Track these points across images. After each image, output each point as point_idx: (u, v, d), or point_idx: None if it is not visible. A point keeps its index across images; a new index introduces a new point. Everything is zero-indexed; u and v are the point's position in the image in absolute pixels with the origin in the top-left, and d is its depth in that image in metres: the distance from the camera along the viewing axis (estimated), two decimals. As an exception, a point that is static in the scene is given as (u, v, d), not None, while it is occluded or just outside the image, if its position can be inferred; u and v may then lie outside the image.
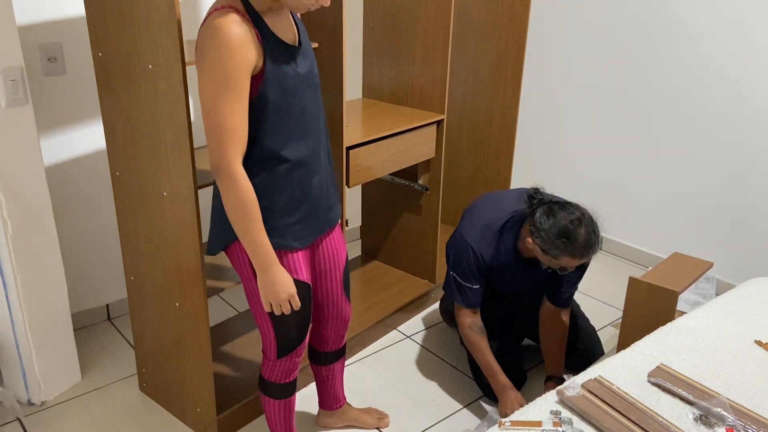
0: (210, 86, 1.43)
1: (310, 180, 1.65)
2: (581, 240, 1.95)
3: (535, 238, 2.02)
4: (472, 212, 2.29)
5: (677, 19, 3.06)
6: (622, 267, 3.48)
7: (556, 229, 1.97)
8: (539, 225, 2.00)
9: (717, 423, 1.53)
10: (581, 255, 1.97)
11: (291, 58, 1.53)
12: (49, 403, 2.33)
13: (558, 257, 1.99)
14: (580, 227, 1.96)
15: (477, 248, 2.18)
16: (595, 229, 2.00)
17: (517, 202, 2.20)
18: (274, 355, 1.79)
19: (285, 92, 1.52)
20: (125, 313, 2.88)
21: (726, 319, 2.02)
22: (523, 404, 2.06)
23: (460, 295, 2.25)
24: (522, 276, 2.28)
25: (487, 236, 2.19)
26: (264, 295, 1.60)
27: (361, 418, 2.23)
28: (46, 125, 2.48)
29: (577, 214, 1.99)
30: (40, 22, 2.37)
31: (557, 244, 1.96)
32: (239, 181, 1.48)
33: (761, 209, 2.98)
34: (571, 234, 1.95)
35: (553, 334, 2.35)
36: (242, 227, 1.52)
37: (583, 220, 1.98)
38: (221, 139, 1.45)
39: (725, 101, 2.99)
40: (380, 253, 3.19)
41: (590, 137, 3.54)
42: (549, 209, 2.02)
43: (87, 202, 2.66)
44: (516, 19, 2.93)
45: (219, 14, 1.43)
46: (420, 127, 2.67)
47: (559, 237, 1.96)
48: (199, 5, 2.76)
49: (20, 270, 2.15)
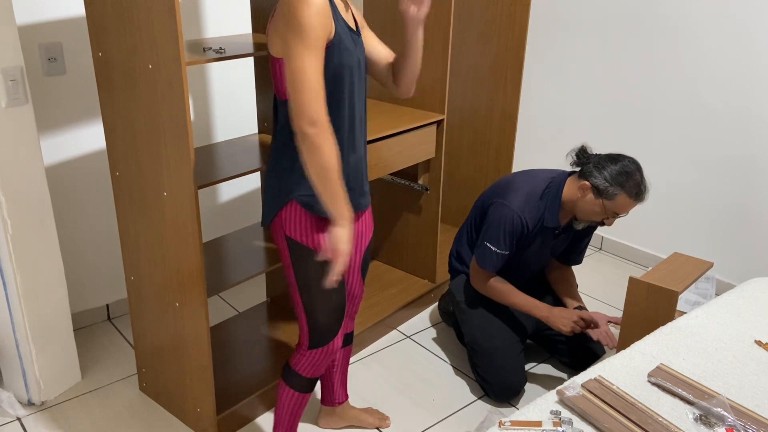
0: (298, 47, 1.49)
1: (348, 155, 1.69)
2: (638, 180, 2.14)
3: (593, 179, 2.16)
4: (505, 187, 2.35)
5: (677, 19, 3.06)
6: (622, 267, 3.48)
7: (617, 167, 2.14)
8: (599, 165, 2.17)
9: (717, 423, 1.53)
10: (636, 195, 2.14)
11: (351, 39, 1.63)
12: (49, 403, 2.33)
13: (615, 196, 2.14)
14: (638, 171, 2.15)
15: (522, 214, 2.26)
16: (646, 180, 2.17)
17: (547, 173, 2.36)
18: (306, 345, 1.81)
19: (344, 66, 1.60)
20: (125, 313, 2.89)
21: (726, 319, 2.02)
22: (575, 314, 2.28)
23: (485, 259, 2.32)
24: (549, 245, 2.39)
25: (531, 202, 2.28)
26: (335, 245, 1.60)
27: (362, 418, 2.23)
28: (46, 125, 2.48)
29: (636, 162, 2.18)
30: (40, 22, 2.37)
31: (618, 180, 2.12)
32: (331, 134, 1.54)
33: (761, 209, 2.98)
34: (631, 174, 2.13)
35: (565, 276, 2.55)
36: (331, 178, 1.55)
37: (639, 168, 2.17)
38: (312, 95, 1.50)
39: (725, 101, 2.99)
40: (380, 253, 3.19)
41: (590, 137, 3.54)
42: (608, 155, 2.20)
43: (87, 202, 2.66)
44: (516, 19, 2.93)
45: None
46: (420, 127, 2.67)
47: (619, 174, 2.13)
48: (200, 5, 2.76)
49: (20, 270, 2.15)
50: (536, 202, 2.28)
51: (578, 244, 2.49)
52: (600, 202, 2.17)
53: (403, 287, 2.97)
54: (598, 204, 2.18)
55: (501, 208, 2.28)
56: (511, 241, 2.27)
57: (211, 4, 2.79)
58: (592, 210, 2.21)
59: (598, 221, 2.26)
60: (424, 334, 2.80)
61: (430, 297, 3.00)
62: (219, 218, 3.11)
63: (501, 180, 2.43)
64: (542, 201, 2.28)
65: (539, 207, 2.28)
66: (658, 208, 3.35)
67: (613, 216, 2.21)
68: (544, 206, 2.28)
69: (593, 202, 2.19)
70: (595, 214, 2.21)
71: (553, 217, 2.28)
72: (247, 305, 2.99)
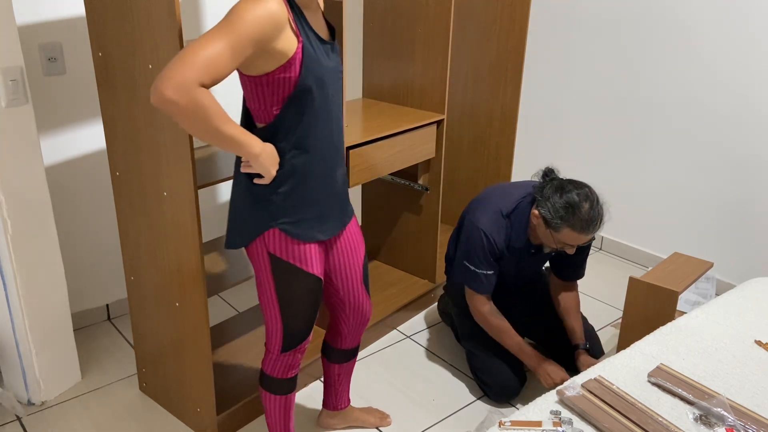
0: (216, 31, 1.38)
1: (335, 172, 1.69)
2: (584, 213, 2.02)
3: (541, 208, 2.08)
4: (481, 202, 2.32)
5: (677, 19, 3.06)
6: (622, 267, 3.48)
7: (562, 200, 2.05)
8: (547, 195, 2.08)
9: (717, 423, 1.53)
10: (581, 228, 2.03)
11: (323, 51, 1.58)
12: (49, 403, 2.33)
13: (559, 229, 2.05)
14: (585, 202, 2.04)
15: (489, 233, 2.21)
16: (600, 209, 2.06)
17: (524, 190, 2.27)
18: (278, 350, 1.80)
19: (318, 82, 1.56)
20: (125, 313, 2.89)
21: (726, 319, 2.02)
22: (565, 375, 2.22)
23: (474, 282, 2.27)
24: (528, 262, 2.32)
25: (498, 222, 2.23)
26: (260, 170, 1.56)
27: (363, 418, 2.23)
28: (46, 125, 2.48)
29: (585, 191, 2.07)
30: (40, 22, 2.37)
31: (561, 214, 2.04)
32: (204, 95, 1.37)
33: (761, 209, 2.98)
34: (576, 206, 2.03)
35: (569, 303, 2.44)
36: (224, 129, 1.43)
37: (590, 197, 2.06)
38: (194, 60, 1.34)
39: (725, 101, 2.99)
40: (380, 253, 3.19)
41: (590, 137, 3.54)
42: (560, 183, 2.11)
43: (87, 202, 2.66)
44: (516, 19, 2.93)
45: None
46: (420, 127, 2.67)
47: (563, 208, 2.03)
48: (200, 5, 2.76)
49: (20, 270, 2.15)
50: (504, 221, 2.22)
51: (575, 259, 2.37)
52: (549, 233, 2.10)
53: (403, 287, 2.97)
54: (548, 234, 2.11)
55: (470, 227, 2.24)
56: (488, 260, 2.22)
57: (211, 4, 2.79)
58: (546, 238, 2.14)
59: (556, 248, 2.17)
60: (424, 334, 2.80)
61: (430, 297, 3.00)
62: (219, 218, 3.11)
63: (481, 193, 2.39)
64: (509, 220, 2.22)
65: (506, 227, 2.22)
66: (658, 208, 3.36)
67: (565, 246, 2.12)
68: (511, 227, 2.22)
69: (545, 231, 2.12)
70: (550, 242, 2.14)
71: (519, 237, 2.22)
72: (247, 305, 2.99)
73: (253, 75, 1.51)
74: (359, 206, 3.34)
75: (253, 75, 1.51)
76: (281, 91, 1.52)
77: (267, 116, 1.57)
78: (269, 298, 1.73)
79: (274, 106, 1.55)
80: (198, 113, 1.38)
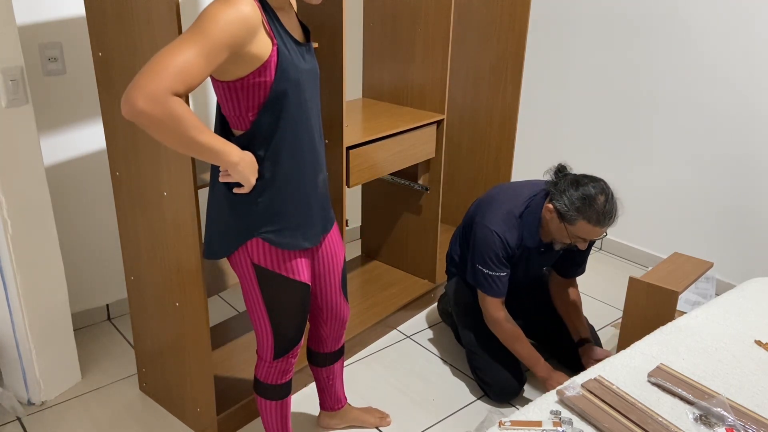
0: (186, 34, 1.33)
1: (316, 177, 1.66)
2: (600, 205, 2.03)
3: (556, 202, 2.09)
4: (489, 202, 2.31)
5: (678, 19, 3.06)
6: (622, 267, 3.48)
7: (578, 192, 2.06)
8: (561, 188, 2.10)
9: (717, 423, 1.53)
10: (597, 221, 2.04)
11: (299, 53, 1.54)
12: (49, 403, 2.33)
13: (575, 222, 2.06)
14: (601, 195, 2.05)
15: (502, 234, 2.20)
16: (615, 203, 2.07)
17: (532, 189, 2.28)
18: (270, 356, 1.78)
19: (295, 85, 1.51)
20: (125, 313, 2.89)
21: (726, 319, 2.02)
22: None
23: (488, 286, 2.25)
24: (538, 261, 2.33)
25: (511, 221, 2.22)
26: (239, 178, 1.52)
27: (363, 418, 2.23)
28: (46, 125, 2.48)
29: (600, 184, 2.09)
30: (40, 22, 2.37)
31: (577, 206, 2.04)
32: (177, 105, 1.31)
33: (761, 209, 2.98)
34: (592, 199, 2.04)
35: (570, 299, 2.45)
36: (198, 139, 1.38)
37: (605, 190, 2.07)
38: (166, 68, 1.28)
39: (725, 101, 2.99)
40: (380, 253, 3.19)
41: (590, 137, 3.54)
42: (575, 178, 2.13)
43: (87, 202, 2.66)
44: (516, 19, 2.93)
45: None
46: (420, 127, 2.67)
47: (579, 200, 2.05)
48: (199, 5, 2.76)
49: (20, 270, 2.15)
50: (515, 221, 2.22)
51: (577, 257, 2.40)
52: (563, 226, 2.11)
53: (403, 287, 2.97)
54: (562, 228, 2.11)
55: (482, 229, 2.23)
56: (500, 261, 2.22)
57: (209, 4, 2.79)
58: (559, 233, 2.15)
59: (568, 244, 2.18)
60: (424, 334, 2.80)
61: (430, 297, 3.00)
62: (219, 218, 3.11)
63: (488, 193, 2.38)
64: (521, 220, 2.22)
65: (518, 226, 2.22)
66: (658, 208, 3.36)
67: (579, 240, 2.13)
68: (523, 226, 2.22)
69: (558, 225, 2.12)
70: (563, 237, 2.14)
71: (532, 236, 2.23)
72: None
73: (226, 80, 1.46)
74: (359, 206, 3.34)
75: (226, 80, 1.46)
76: (256, 96, 1.48)
77: (243, 123, 1.53)
78: (258, 308, 1.71)
79: (250, 111, 1.50)
80: (172, 124, 1.31)
